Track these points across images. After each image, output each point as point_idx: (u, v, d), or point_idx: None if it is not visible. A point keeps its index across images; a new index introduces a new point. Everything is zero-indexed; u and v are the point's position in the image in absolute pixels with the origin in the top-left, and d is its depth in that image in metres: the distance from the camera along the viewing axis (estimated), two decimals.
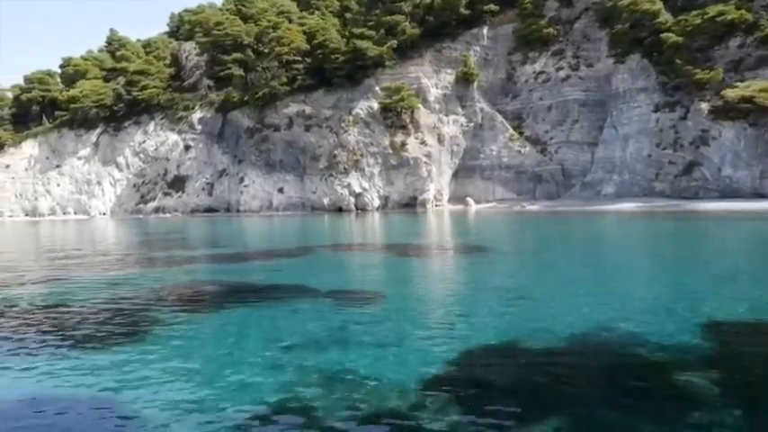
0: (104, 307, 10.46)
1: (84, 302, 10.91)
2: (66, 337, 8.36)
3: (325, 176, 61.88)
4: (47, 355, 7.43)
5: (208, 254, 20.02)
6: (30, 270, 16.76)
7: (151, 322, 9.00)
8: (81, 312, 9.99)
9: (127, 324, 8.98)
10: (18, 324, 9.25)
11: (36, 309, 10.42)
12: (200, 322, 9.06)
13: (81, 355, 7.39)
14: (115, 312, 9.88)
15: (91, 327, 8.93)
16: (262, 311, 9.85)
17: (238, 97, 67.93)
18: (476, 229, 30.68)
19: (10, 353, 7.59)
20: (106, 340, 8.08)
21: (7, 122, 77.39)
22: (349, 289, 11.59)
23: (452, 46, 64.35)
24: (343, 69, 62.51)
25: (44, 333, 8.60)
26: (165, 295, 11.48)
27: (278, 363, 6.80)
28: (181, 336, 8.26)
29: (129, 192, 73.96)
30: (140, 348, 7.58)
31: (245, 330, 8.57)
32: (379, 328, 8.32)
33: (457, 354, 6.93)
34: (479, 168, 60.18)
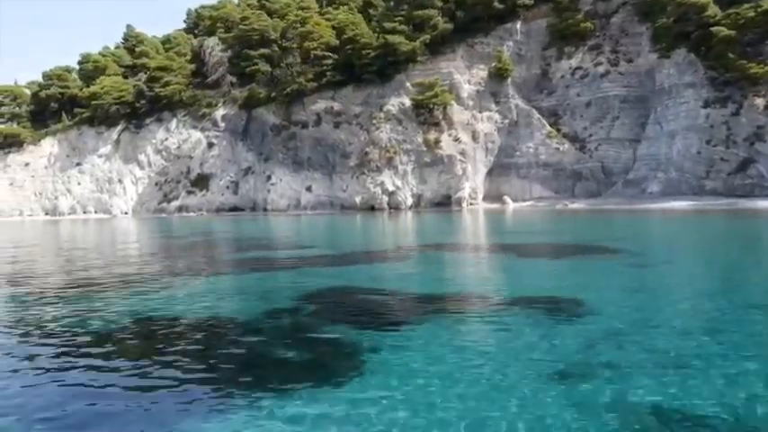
0: (274, 328, 9.00)
1: (234, 320, 9.48)
2: (260, 377, 6.25)
3: (356, 174, 60.43)
4: (244, 404, 5.46)
5: (309, 255, 18.34)
6: (151, 285, 15.33)
7: (352, 346, 7.39)
8: (258, 339, 8.44)
9: (328, 354, 7.12)
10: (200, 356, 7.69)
11: (196, 337, 8.93)
12: (407, 342, 7.52)
13: (289, 402, 5.43)
14: (299, 337, 8.02)
15: (279, 362, 6.91)
16: (471, 326, 8.42)
17: (264, 94, 66.42)
18: (550, 227, 29.22)
19: (211, 409, 5.45)
20: (314, 378, 6.04)
21: (25, 120, 75.90)
22: (534, 296, 10.14)
23: (485, 41, 62.94)
24: (374, 65, 61.03)
25: (232, 372, 6.56)
26: (331, 306, 10.06)
27: (574, 399, 5.34)
28: (403, 364, 6.49)
29: (152, 190, 72.53)
30: (371, 383, 5.95)
31: (483, 351, 7.01)
32: (637, 344, 6.90)
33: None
34: (515, 166, 58.77)
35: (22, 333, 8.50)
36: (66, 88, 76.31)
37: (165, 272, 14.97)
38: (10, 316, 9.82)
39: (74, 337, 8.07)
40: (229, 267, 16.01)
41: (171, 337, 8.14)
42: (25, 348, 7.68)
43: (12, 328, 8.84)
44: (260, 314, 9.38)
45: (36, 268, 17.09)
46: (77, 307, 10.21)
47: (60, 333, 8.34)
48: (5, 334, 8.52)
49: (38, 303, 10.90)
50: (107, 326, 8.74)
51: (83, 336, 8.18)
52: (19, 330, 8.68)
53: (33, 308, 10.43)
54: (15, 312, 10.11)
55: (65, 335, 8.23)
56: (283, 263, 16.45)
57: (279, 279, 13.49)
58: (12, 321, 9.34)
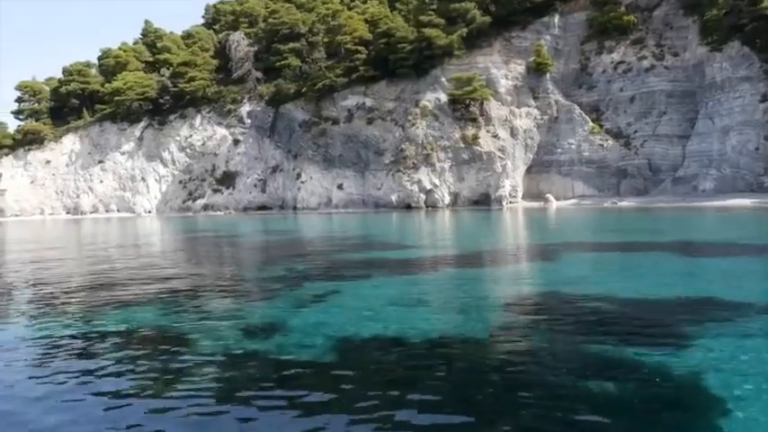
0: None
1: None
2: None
3: (391, 172, 58.74)
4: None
5: (442, 255, 16.47)
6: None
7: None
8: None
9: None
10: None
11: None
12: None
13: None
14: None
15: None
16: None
17: (295, 89, 64.70)
18: (637, 225, 27.51)
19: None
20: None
21: (45, 116, 74.13)
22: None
23: (522, 35, 61.29)
24: (410, 59, 59.34)
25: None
26: (586, 318, 8.38)
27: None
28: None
29: (176, 188, 70.81)
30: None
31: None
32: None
33: None
34: (556, 163, 57.14)
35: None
36: (87, 84, 74.58)
37: (285, 276, 13.31)
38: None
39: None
40: (368, 270, 14.30)
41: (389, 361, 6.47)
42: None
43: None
44: (510, 331, 7.73)
45: (67, 272, 15.43)
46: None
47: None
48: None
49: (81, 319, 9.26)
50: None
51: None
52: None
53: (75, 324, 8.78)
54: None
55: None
56: (425, 265, 14.76)
57: (457, 285, 11.81)
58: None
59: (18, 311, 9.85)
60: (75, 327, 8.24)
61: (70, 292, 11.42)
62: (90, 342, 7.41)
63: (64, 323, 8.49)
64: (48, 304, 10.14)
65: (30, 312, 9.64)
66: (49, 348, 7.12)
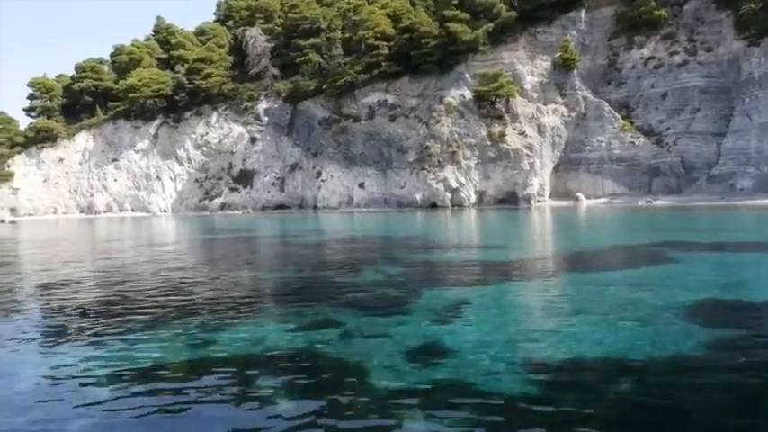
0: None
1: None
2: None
3: (415, 170, 57.39)
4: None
5: (553, 256, 15.30)
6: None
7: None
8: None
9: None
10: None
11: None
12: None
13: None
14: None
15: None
16: None
17: (315, 86, 63.32)
18: (693, 224, 26.17)
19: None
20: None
21: (57, 113, 72.73)
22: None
23: (548, 30, 59.96)
24: (434, 55, 57.98)
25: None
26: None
27: None
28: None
29: (191, 187, 69.46)
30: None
31: None
32: None
33: None
34: (585, 161, 55.78)
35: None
36: (100, 81, 73.22)
37: (388, 282, 11.95)
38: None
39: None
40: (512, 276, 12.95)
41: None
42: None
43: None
44: (726, 348, 6.41)
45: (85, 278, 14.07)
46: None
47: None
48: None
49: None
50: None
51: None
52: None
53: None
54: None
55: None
56: (535, 268, 13.41)
57: (597, 290, 10.47)
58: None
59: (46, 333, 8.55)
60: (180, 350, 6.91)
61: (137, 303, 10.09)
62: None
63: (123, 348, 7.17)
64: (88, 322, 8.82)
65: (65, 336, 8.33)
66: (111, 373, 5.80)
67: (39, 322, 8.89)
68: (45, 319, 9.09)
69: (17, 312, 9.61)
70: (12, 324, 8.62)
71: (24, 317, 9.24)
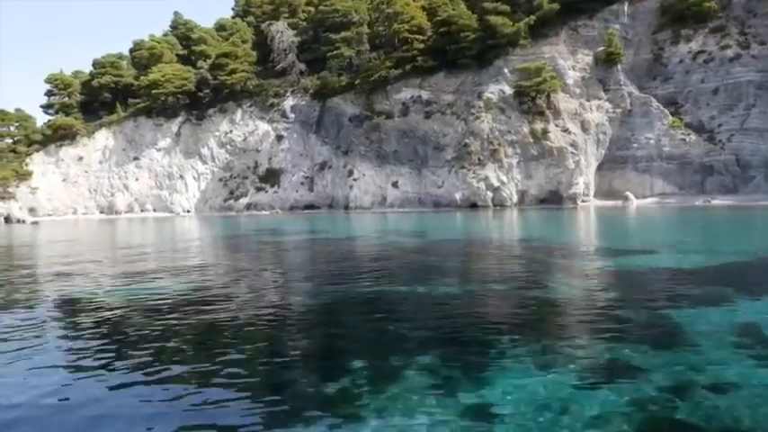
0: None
1: None
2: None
3: (454, 168, 55.19)
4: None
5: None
6: None
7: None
8: None
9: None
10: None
11: None
12: None
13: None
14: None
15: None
16: None
17: (347, 81, 61.09)
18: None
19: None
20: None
21: (76, 110, 70.42)
22: None
23: (589, 24, 57.81)
24: (472, 49, 55.80)
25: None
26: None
27: None
28: None
29: (215, 186, 67.18)
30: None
31: None
32: None
33: None
34: (632, 159, 53.59)
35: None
36: (120, 77, 70.91)
37: (554, 300, 9.71)
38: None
39: None
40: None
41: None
42: None
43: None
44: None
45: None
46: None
47: None
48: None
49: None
50: None
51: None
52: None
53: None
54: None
55: None
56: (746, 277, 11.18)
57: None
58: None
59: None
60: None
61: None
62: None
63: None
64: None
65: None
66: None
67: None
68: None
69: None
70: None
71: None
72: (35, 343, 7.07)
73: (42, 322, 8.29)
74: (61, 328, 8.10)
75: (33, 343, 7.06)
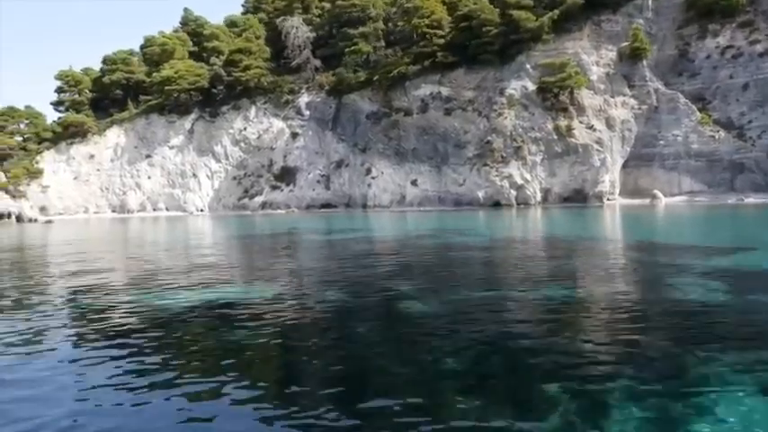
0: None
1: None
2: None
3: (476, 166, 54.04)
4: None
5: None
6: None
7: None
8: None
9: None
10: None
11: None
12: None
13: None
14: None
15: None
16: None
17: (366, 77, 59.92)
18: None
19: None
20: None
21: (86, 108, 69.24)
22: None
23: (613, 18, 56.63)
24: (495, 44, 54.65)
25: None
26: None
27: None
28: None
29: (229, 185, 66.03)
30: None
31: None
32: None
33: None
34: (659, 157, 52.41)
35: None
36: (132, 73, 69.72)
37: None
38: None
39: None
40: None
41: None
42: None
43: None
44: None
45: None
46: None
47: None
48: None
49: None
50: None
51: None
52: None
53: None
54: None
55: None
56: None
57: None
58: None
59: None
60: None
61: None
62: None
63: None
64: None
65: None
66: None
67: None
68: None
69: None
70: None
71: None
72: (77, 355, 5.99)
73: (95, 332, 7.12)
74: (111, 338, 6.94)
75: (75, 355, 5.99)
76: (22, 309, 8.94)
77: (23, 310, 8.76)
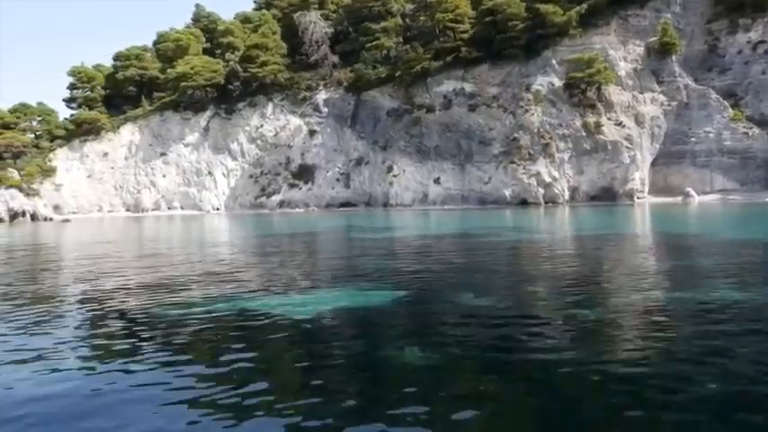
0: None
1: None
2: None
3: (502, 164, 52.87)
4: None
5: None
6: None
7: None
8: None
9: None
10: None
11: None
12: None
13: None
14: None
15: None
16: None
17: (387, 73, 58.74)
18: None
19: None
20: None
21: (99, 104, 67.93)
22: None
23: (640, 13, 55.51)
24: (521, 39, 53.48)
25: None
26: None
27: None
28: None
29: (245, 183, 64.78)
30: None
31: None
32: None
33: None
34: (690, 154, 51.29)
35: None
36: (145, 69, 68.41)
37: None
38: None
39: None
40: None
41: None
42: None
43: None
44: None
45: None
46: None
47: None
48: None
49: None
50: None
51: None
52: None
53: None
54: None
55: None
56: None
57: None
58: None
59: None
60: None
61: None
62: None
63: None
64: None
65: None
66: None
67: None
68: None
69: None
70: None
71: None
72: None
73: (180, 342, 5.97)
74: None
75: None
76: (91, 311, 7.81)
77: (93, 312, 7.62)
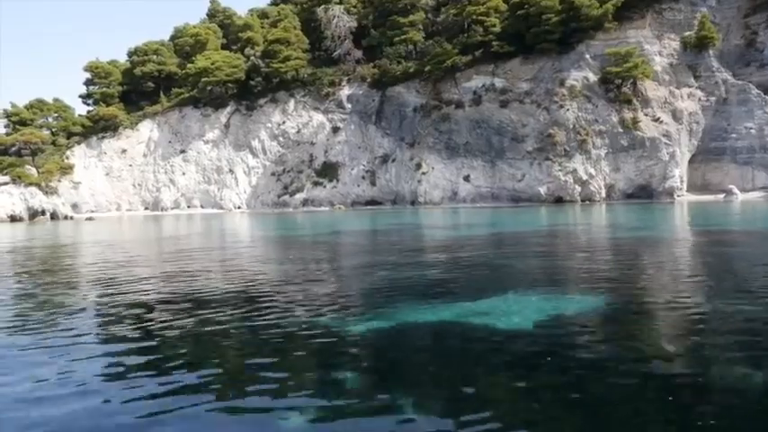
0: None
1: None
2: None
3: (537, 161, 51.53)
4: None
5: None
6: None
7: None
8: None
9: None
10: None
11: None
12: None
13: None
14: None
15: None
16: None
17: (415, 68, 57.35)
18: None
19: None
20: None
21: (117, 100, 66.38)
22: None
23: (676, 7, 54.26)
24: (555, 33, 52.11)
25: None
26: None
27: None
28: None
29: (267, 181, 63.31)
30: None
31: None
32: None
33: None
34: (730, 151, 50.00)
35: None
36: (164, 65, 66.86)
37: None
38: None
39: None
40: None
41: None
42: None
43: None
44: None
45: None
46: None
47: None
48: None
49: None
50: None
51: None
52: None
53: None
54: None
55: None
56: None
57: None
58: None
59: None
60: None
61: None
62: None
63: None
64: None
65: None
66: None
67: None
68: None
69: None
70: None
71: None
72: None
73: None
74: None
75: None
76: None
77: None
